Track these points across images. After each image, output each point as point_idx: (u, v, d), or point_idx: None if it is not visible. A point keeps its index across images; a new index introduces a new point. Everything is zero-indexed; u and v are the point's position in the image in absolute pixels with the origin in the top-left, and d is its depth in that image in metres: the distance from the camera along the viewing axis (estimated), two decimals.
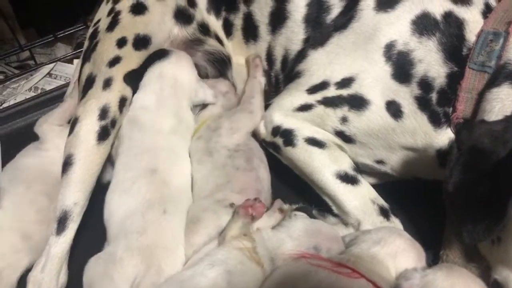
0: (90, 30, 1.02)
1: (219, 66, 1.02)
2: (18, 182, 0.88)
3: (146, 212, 0.76)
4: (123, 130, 0.88)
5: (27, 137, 1.02)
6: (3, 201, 0.86)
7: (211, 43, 1.01)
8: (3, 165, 1.03)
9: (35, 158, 0.92)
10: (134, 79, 0.90)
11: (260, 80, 0.92)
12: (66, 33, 1.31)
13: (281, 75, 0.94)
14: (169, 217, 0.77)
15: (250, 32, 0.96)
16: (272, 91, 0.96)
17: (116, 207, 0.79)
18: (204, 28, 1.01)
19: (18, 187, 0.87)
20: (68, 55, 1.33)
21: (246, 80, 0.98)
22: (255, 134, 0.91)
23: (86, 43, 1.02)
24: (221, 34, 1.00)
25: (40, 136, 0.96)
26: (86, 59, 0.96)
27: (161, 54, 0.93)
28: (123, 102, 0.89)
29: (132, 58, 0.92)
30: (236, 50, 0.99)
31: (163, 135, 0.86)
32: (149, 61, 0.92)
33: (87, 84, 0.91)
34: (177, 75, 0.91)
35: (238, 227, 0.72)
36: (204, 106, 0.97)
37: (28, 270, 0.80)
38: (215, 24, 1.00)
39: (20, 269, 0.82)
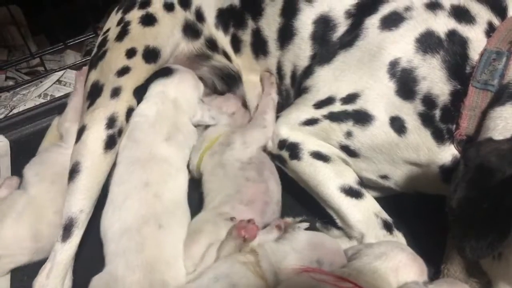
0: (99, 39, 1.04)
1: (227, 80, 1.02)
2: (44, 177, 0.89)
3: (141, 228, 0.75)
4: (122, 142, 0.87)
5: (36, 142, 1.04)
6: (28, 193, 0.87)
7: (218, 59, 1.02)
8: (12, 171, 1.04)
9: (59, 155, 0.92)
10: (140, 93, 0.92)
11: (274, 97, 0.93)
12: (76, 41, 1.33)
13: (291, 90, 0.95)
14: (165, 232, 0.76)
15: (260, 47, 0.96)
16: (283, 105, 0.96)
17: (110, 224, 0.78)
18: (212, 44, 1.02)
19: (43, 182, 0.88)
20: (78, 63, 1.35)
21: (259, 96, 0.98)
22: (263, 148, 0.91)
23: (94, 51, 1.03)
24: (229, 50, 1.01)
25: (63, 135, 0.97)
26: (92, 66, 0.98)
27: (165, 72, 0.95)
28: (130, 113, 0.90)
29: (141, 70, 0.94)
30: (246, 66, 1.00)
31: (157, 145, 0.86)
32: (153, 76, 0.94)
33: (94, 92, 0.92)
34: (178, 94, 0.93)
35: (230, 247, 0.72)
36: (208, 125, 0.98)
37: (34, 273, 0.80)
38: (223, 40, 1.01)
39: (18, 263, 0.84)
